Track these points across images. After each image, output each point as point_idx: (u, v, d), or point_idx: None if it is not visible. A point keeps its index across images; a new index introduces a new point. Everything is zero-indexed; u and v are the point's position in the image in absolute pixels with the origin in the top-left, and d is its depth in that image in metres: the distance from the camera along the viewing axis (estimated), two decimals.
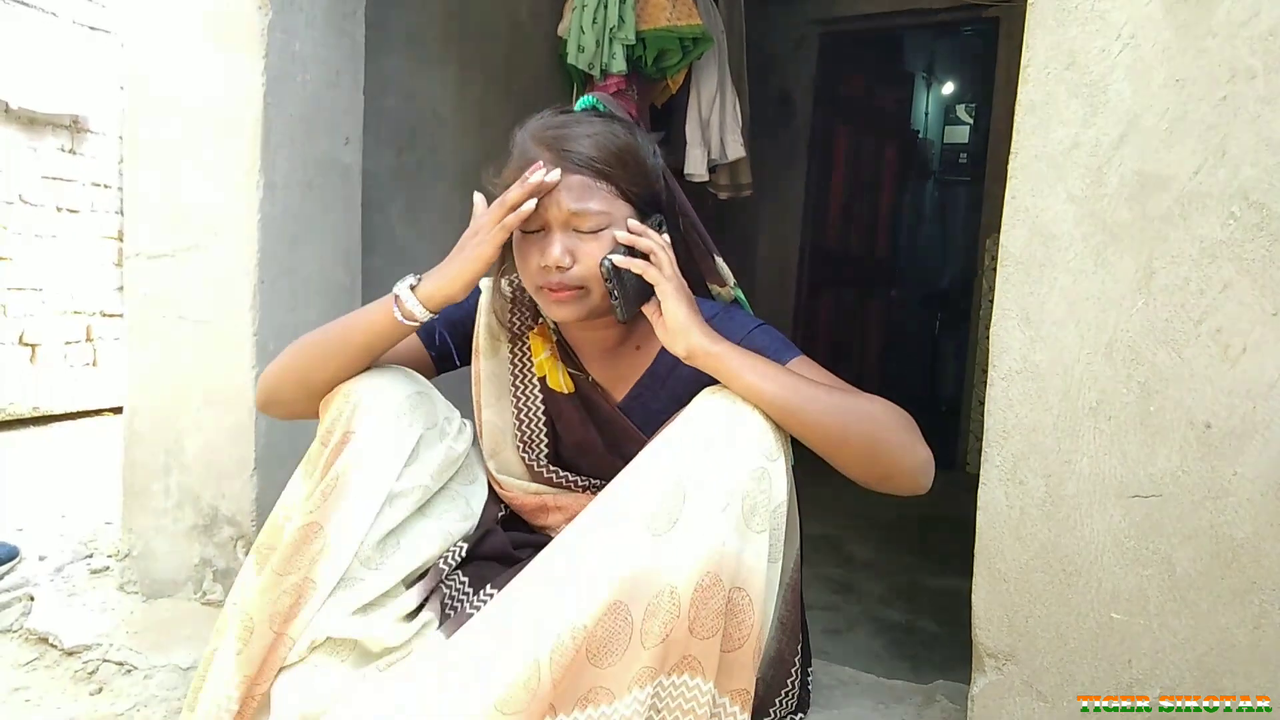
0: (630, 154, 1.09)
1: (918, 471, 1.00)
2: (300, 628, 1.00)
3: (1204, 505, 0.99)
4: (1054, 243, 1.05)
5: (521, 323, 1.24)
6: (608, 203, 1.06)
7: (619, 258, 1.04)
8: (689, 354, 1.02)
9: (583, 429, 1.21)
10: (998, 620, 1.10)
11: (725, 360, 1.00)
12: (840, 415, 0.98)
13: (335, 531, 1.02)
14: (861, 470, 1.00)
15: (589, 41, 2.61)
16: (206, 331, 1.58)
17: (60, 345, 3.79)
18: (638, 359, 1.21)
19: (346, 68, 1.70)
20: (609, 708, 0.87)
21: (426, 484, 1.10)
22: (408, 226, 2.23)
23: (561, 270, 1.05)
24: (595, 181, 1.05)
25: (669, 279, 1.03)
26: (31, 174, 3.61)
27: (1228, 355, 0.98)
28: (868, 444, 0.99)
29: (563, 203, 1.04)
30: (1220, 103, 0.97)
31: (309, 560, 1.01)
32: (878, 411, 1.00)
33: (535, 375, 1.22)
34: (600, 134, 1.07)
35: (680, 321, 1.02)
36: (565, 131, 1.07)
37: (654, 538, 0.91)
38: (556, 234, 1.06)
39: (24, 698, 1.37)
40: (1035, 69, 1.05)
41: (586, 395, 1.21)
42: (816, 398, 0.98)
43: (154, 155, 1.63)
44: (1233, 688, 0.99)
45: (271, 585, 1.01)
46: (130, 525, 1.69)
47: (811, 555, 2.63)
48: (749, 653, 0.93)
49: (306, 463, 1.08)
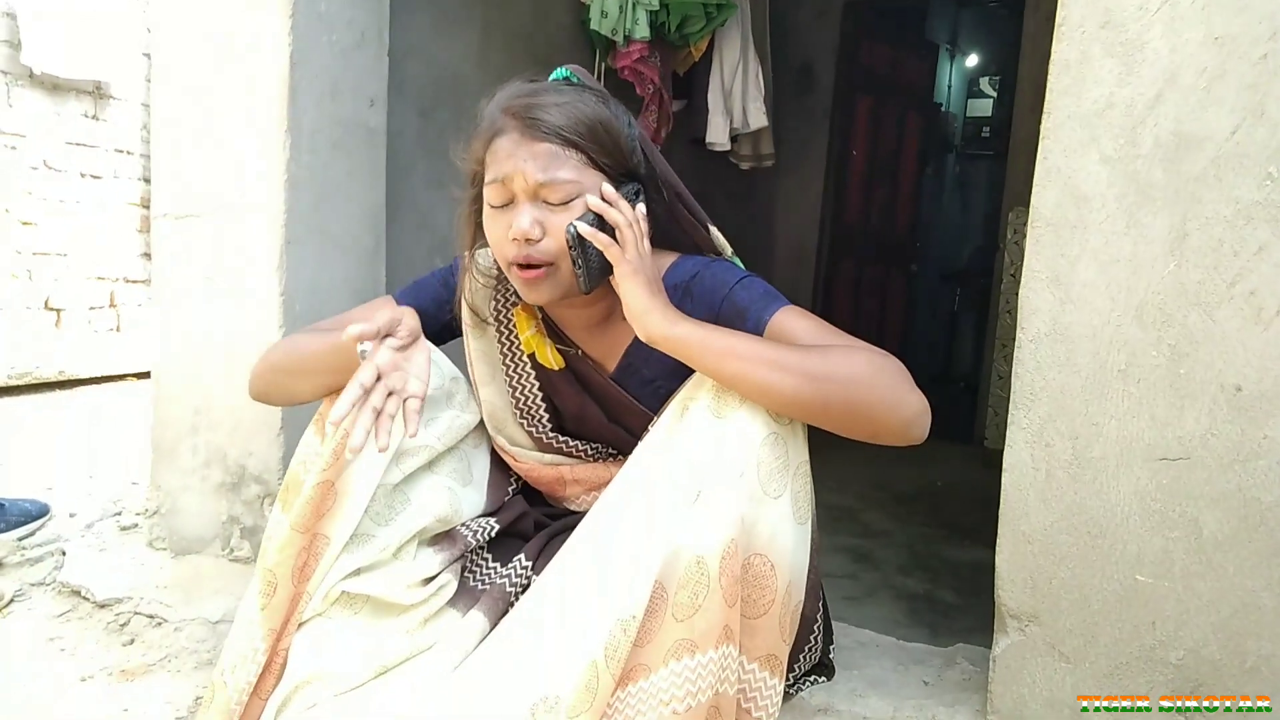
0: (601, 124, 1.04)
1: (909, 424, 0.93)
2: (316, 583, 1.02)
3: (1232, 468, 0.99)
4: (1086, 204, 1.04)
5: (504, 300, 1.22)
6: (577, 171, 1.02)
7: (584, 227, 1.00)
8: (649, 340, 0.99)
9: (579, 402, 1.20)
10: (1021, 582, 1.10)
11: (686, 345, 0.97)
12: (818, 381, 0.92)
13: (345, 489, 1.03)
14: (849, 429, 0.95)
15: (612, 7, 2.59)
16: (234, 291, 1.59)
17: (84, 310, 3.83)
18: (624, 330, 1.15)
19: (372, 29, 1.69)
20: (645, 682, 0.88)
21: (433, 444, 1.11)
22: (431, 190, 2.24)
23: (531, 242, 1.01)
24: (564, 150, 1.01)
25: (629, 260, 1.00)
26: (55, 140, 3.63)
27: (1260, 318, 0.97)
28: (852, 405, 0.93)
29: (529, 174, 1.01)
30: (1260, 61, 0.95)
31: (322, 517, 1.03)
32: (860, 369, 0.93)
33: (524, 352, 1.21)
34: (570, 103, 1.04)
35: (638, 306, 0.99)
36: (534, 100, 1.04)
37: (680, 515, 0.91)
38: (525, 205, 1.02)
39: (59, 647, 1.41)
40: (1070, 27, 1.04)
41: (578, 369, 1.19)
42: (790, 366, 0.93)
43: (181, 116, 1.64)
44: (1257, 650, 0.99)
45: (290, 541, 1.03)
46: (159, 483, 1.72)
47: (830, 525, 2.65)
48: (774, 617, 0.94)
49: (317, 419, 1.10)
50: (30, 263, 3.59)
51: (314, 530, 1.03)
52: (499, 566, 1.14)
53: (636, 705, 0.88)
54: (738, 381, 0.94)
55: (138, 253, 4.05)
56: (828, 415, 0.94)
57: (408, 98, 2.09)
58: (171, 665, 1.36)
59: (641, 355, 1.15)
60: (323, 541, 1.02)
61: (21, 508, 1.85)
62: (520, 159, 1.01)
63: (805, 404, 0.93)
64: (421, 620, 1.05)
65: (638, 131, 1.10)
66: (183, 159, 1.64)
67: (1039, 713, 1.10)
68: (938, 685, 1.25)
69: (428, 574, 1.07)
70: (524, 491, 1.27)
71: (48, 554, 1.71)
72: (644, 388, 1.14)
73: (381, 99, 1.74)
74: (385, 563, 1.04)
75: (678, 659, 0.88)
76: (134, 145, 3.98)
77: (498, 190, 1.03)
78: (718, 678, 0.89)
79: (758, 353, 0.94)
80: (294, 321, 1.56)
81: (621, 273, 1.00)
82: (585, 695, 0.87)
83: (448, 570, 1.10)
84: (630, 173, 1.08)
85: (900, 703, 1.20)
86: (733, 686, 0.91)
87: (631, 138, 1.08)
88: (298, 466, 1.07)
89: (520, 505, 1.21)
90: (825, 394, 0.92)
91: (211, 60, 1.59)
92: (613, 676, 0.87)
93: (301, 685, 0.98)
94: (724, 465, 0.92)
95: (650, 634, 0.89)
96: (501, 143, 1.03)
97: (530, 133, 1.01)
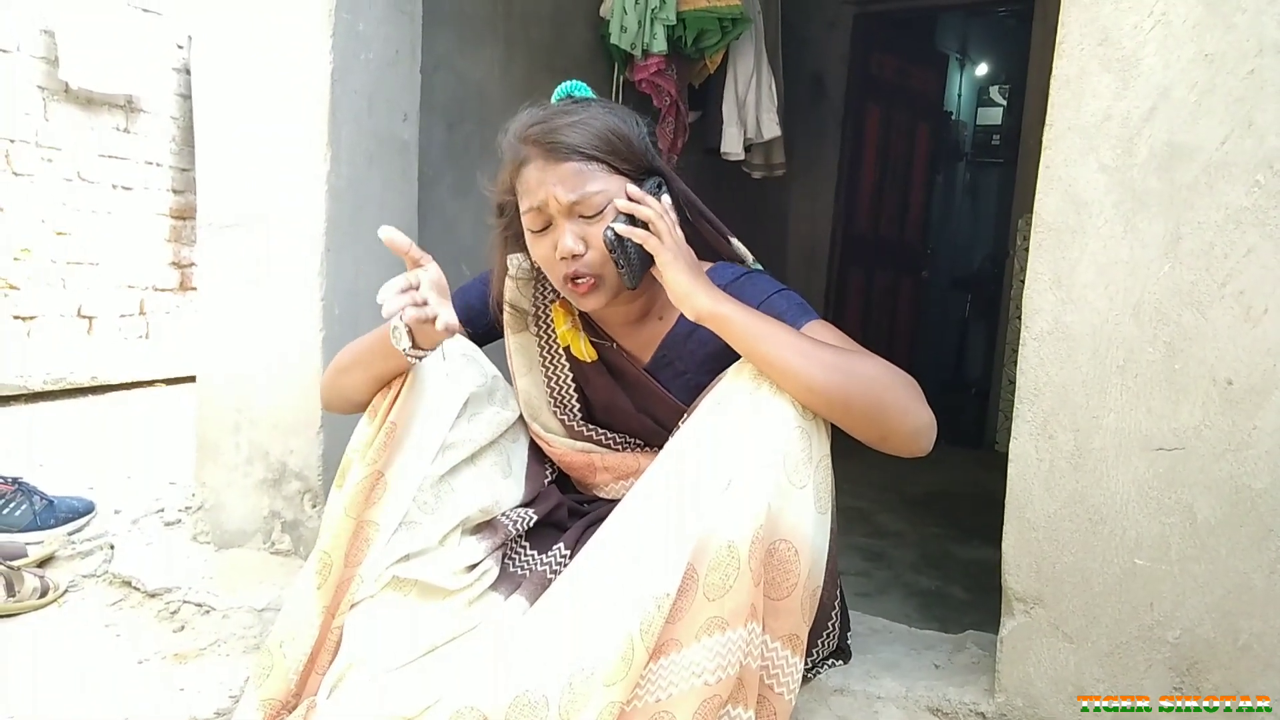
0: (613, 132, 1.12)
1: (918, 433, 1.02)
2: (368, 566, 1.09)
3: (1225, 457, 1.05)
4: (1085, 210, 1.11)
5: (543, 297, 1.31)
6: (603, 182, 1.10)
7: (621, 226, 1.08)
8: (696, 317, 1.07)
9: (610, 393, 1.28)
10: (1026, 566, 1.17)
11: (729, 322, 1.04)
12: (842, 375, 1.00)
13: (394, 479, 1.11)
14: (862, 428, 1.02)
15: (631, 22, 2.67)
16: (275, 296, 1.67)
17: (115, 318, 3.94)
18: (659, 327, 1.27)
19: (405, 47, 1.78)
20: (678, 655, 0.95)
21: (476, 438, 1.19)
22: (457, 199, 2.32)
23: (577, 258, 1.10)
24: (587, 165, 1.10)
25: (668, 248, 1.07)
26: (89, 152, 3.75)
27: (1250, 316, 1.03)
28: (869, 404, 1.00)
29: (560, 196, 1.09)
30: (1248, 76, 1.02)
31: (372, 505, 1.10)
32: (880, 373, 1.02)
33: (560, 345, 1.29)
34: (582, 119, 1.11)
35: (682, 288, 1.06)
36: (549, 125, 1.11)
37: (712, 501, 0.97)
38: (564, 225, 1.11)
39: (114, 633, 1.48)
40: (1070, 44, 1.11)
41: (612, 362, 1.27)
42: (819, 358, 1.00)
43: (224, 130, 1.72)
44: (1249, 628, 1.05)
45: (343, 527, 1.10)
46: (203, 479, 1.80)
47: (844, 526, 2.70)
48: (797, 600, 1.00)
49: (370, 408, 1.17)
50: (64, 271, 3.70)
51: (364, 517, 1.10)
52: (538, 554, 1.22)
53: (669, 676, 0.94)
54: (771, 363, 1.01)
55: (167, 262, 4.16)
56: (848, 410, 1.01)
57: (435, 111, 2.17)
58: (221, 650, 1.44)
59: (676, 349, 1.24)
60: (372, 528, 1.10)
61: (69, 504, 1.93)
62: (550, 184, 1.09)
63: (830, 396, 1.00)
64: (467, 602, 1.12)
65: (645, 130, 1.18)
66: (226, 171, 1.72)
67: (1043, 690, 1.16)
68: (948, 668, 1.32)
69: (471, 561, 1.14)
70: (557, 482, 1.35)
71: (97, 548, 1.79)
72: (676, 379, 1.22)
73: (414, 113, 1.82)
74: (432, 549, 1.11)
75: (709, 635, 0.94)
76: (164, 157, 4.10)
77: (535, 216, 1.12)
78: (744, 652, 0.95)
79: (793, 341, 1.02)
80: (333, 325, 1.64)
81: (663, 261, 1.08)
82: (621, 666, 0.93)
83: (490, 558, 1.17)
84: (649, 169, 1.15)
85: (912, 683, 1.26)
86: (756, 661, 0.97)
87: (642, 136, 1.16)
88: (352, 454, 1.14)
89: (555, 495, 1.29)
90: (848, 389, 1.00)
91: (254, 77, 1.67)
92: (646, 649, 0.93)
93: (355, 663, 1.05)
94: (754, 455, 0.98)
95: (682, 611, 0.95)
96: (529, 172, 1.12)
97: (553, 156, 1.10)
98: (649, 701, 0.94)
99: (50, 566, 1.73)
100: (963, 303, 6.24)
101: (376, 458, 1.11)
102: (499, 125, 2.50)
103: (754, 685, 0.98)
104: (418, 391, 1.15)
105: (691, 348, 1.23)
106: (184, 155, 4.15)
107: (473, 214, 2.37)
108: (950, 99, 6.15)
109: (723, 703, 0.94)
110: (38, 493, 1.90)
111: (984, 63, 6.72)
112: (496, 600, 1.15)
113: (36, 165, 3.55)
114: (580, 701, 0.93)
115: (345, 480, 1.13)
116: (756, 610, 0.96)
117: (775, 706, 1.00)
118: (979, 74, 6.77)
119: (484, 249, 1.32)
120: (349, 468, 1.14)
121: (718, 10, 2.77)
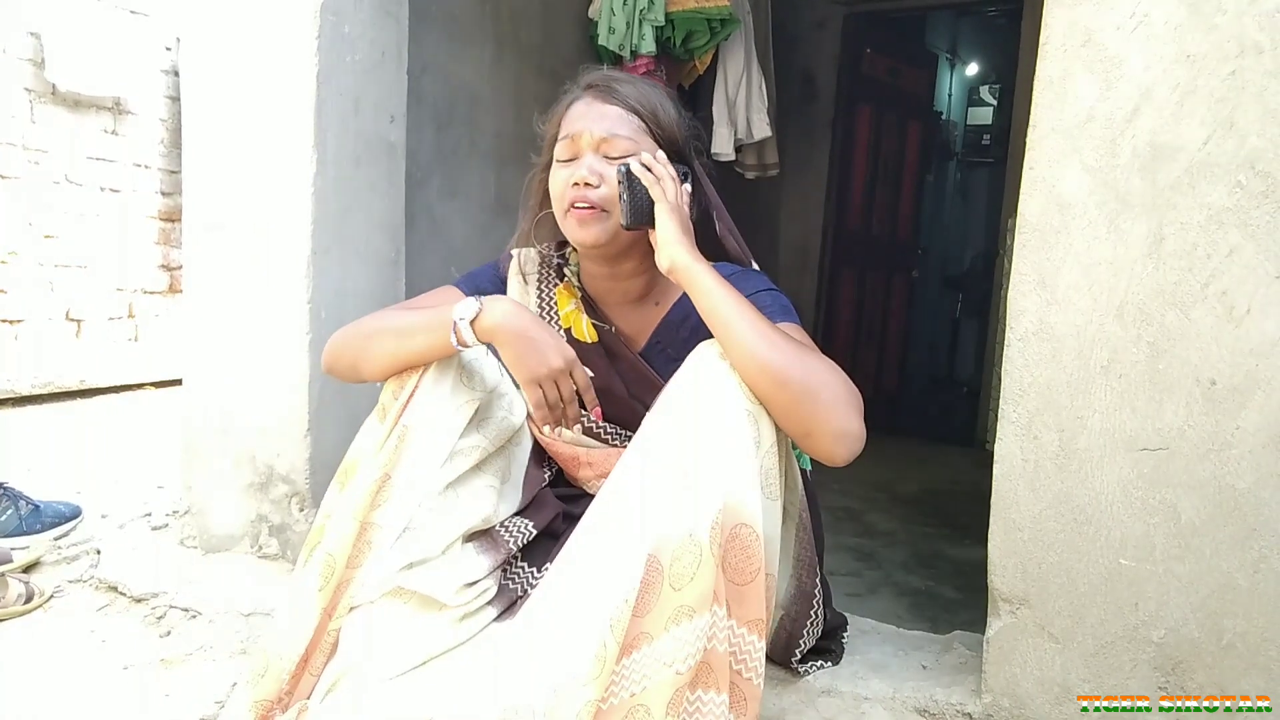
0: (664, 108, 1.23)
1: (843, 436, 1.00)
2: (370, 570, 1.09)
3: (1208, 457, 1.05)
4: (1069, 211, 1.11)
5: (548, 280, 1.34)
6: (637, 135, 1.19)
7: (636, 165, 1.15)
8: (670, 266, 1.11)
9: (607, 376, 1.29)
10: (1012, 567, 1.17)
11: (697, 277, 1.09)
12: (784, 357, 1.01)
13: (402, 483, 1.11)
14: (790, 416, 1.02)
15: (619, 23, 2.67)
16: (262, 299, 1.67)
17: (104, 321, 3.92)
18: (656, 312, 1.31)
19: (391, 49, 1.77)
20: (649, 648, 0.95)
21: (484, 445, 1.19)
22: (446, 201, 2.31)
23: (589, 187, 1.16)
24: (628, 114, 1.20)
25: (669, 200, 1.13)
26: (76, 155, 3.73)
27: (1232, 316, 1.04)
28: (802, 390, 1.00)
29: (594, 129, 1.18)
30: (1229, 77, 1.02)
31: (378, 508, 1.10)
32: (824, 371, 1.02)
33: (561, 328, 1.31)
34: (641, 83, 1.24)
35: (668, 236, 1.12)
36: (611, 76, 1.25)
37: (671, 491, 0.98)
38: (588, 154, 1.19)
39: (100, 639, 1.48)
40: (1053, 46, 1.11)
41: (609, 345, 1.30)
42: (770, 336, 1.02)
43: (211, 133, 1.72)
44: (1233, 628, 1.05)
45: (348, 529, 1.09)
46: (189, 483, 1.79)
47: (834, 525, 2.71)
48: (760, 584, 1.00)
49: (380, 409, 1.17)
50: (52, 274, 3.68)
51: (368, 519, 1.09)
52: (534, 571, 1.23)
53: (642, 670, 0.94)
54: (724, 327, 1.04)
55: (155, 264, 4.15)
56: (782, 388, 1.00)
57: (424, 112, 2.17)
58: (208, 655, 1.43)
59: (669, 334, 1.28)
60: (376, 530, 1.09)
61: (55, 509, 1.92)
62: (590, 118, 1.20)
63: (770, 369, 1.00)
64: (463, 616, 1.12)
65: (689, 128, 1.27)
66: (213, 173, 1.72)
67: (1030, 691, 1.16)
68: (935, 668, 1.32)
69: (472, 578, 1.14)
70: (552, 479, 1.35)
71: (83, 553, 1.78)
72: (668, 365, 1.22)
73: (400, 115, 1.82)
74: (434, 558, 1.11)
75: (677, 624, 0.94)
76: (152, 160, 4.08)
77: (567, 145, 1.20)
78: (709, 636, 0.96)
79: (750, 315, 1.05)
80: (319, 327, 1.63)
81: (660, 210, 1.14)
82: (595, 665, 0.94)
83: (489, 576, 1.17)
84: (681, 158, 1.24)
85: (900, 684, 1.26)
86: (724, 645, 0.97)
87: (685, 128, 1.25)
88: (357, 454, 1.14)
89: (552, 503, 1.28)
90: (788, 370, 1.00)
91: (240, 79, 1.67)
92: (618, 644, 0.94)
93: (351, 669, 1.05)
94: (706, 443, 0.99)
95: (649, 604, 0.95)
96: (577, 106, 1.23)
97: (602, 97, 1.21)
98: (624, 697, 0.94)
99: (36, 572, 1.72)
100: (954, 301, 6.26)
101: (387, 460, 1.11)
102: (489, 126, 2.51)
103: (724, 670, 0.97)
104: (432, 397, 1.14)
105: (684, 334, 1.24)
106: (172, 157, 4.13)
107: (462, 215, 2.37)
108: (941, 98, 6.16)
109: (690, 687, 0.95)
110: (23, 497, 1.89)
111: (974, 62, 6.74)
112: (490, 614, 1.15)
113: (23, 168, 3.53)
114: (562, 706, 0.93)
115: (350, 481, 1.12)
116: (720, 594, 0.96)
117: (745, 691, 1.00)
118: (969, 73, 6.78)
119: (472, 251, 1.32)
120: (355, 469, 1.13)
121: (706, 11, 2.77)
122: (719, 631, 0.96)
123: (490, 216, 2.46)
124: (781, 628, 1.22)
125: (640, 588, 0.95)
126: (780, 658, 1.26)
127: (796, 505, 1.17)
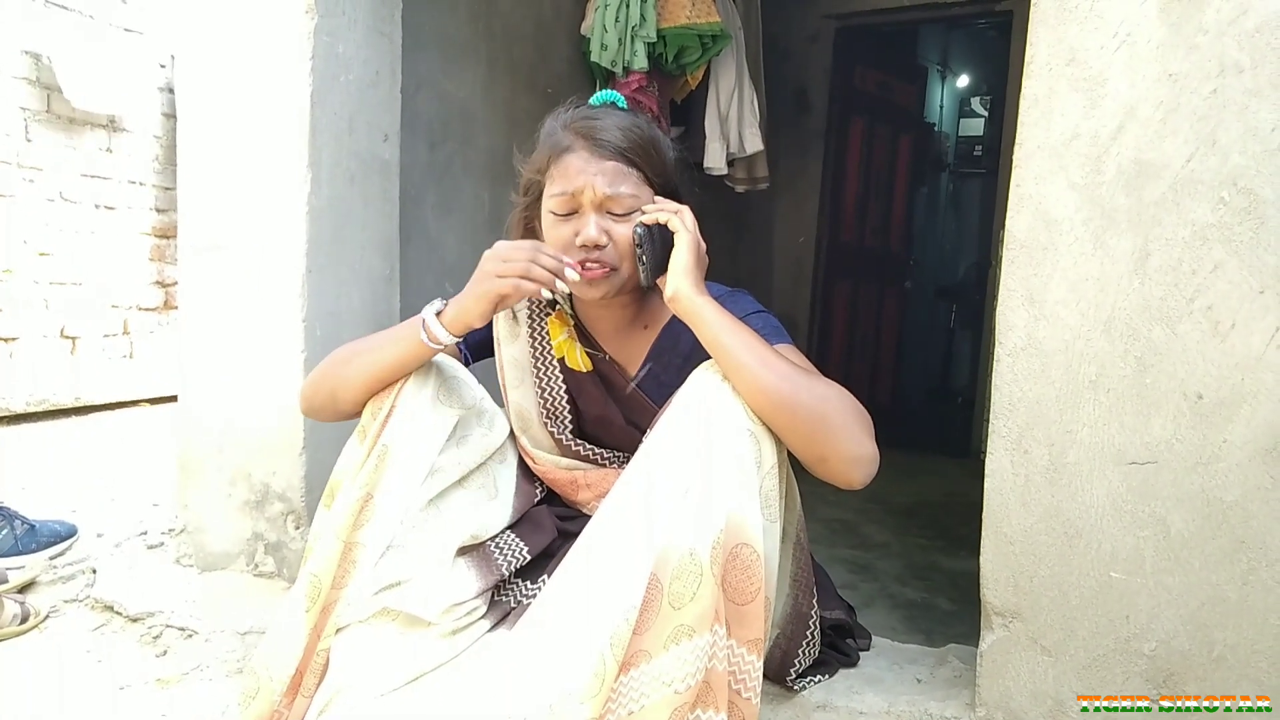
0: (653, 145, 1.20)
1: (858, 460, 1.01)
2: (355, 590, 1.09)
3: (1196, 470, 1.07)
4: (1056, 227, 1.12)
5: (538, 307, 1.33)
6: (637, 188, 1.18)
7: (648, 215, 1.15)
8: (674, 296, 1.11)
9: (602, 404, 1.29)
10: (1004, 581, 1.18)
11: (700, 311, 1.09)
12: (793, 385, 1.02)
13: (383, 501, 1.11)
14: (803, 443, 1.03)
15: (611, 40, 2.69)
16: (257, 318, 1.67)
17: (99, 338, 3.92)
18: (646, 336, 1.31)
19: (385, 68, 1.79)
20: (648, 666, 0.95)
21: (464, 462, 1.20)
22: (440, 219, 2.32)
23: (599, 249, 1.15)
24: (626, 168, 1.17)
25: (689, 230, 1.13)
26: (71, 172, 3.74)
27: (1218, 331, 1.05)
28: (814, 417, 1.01)
29: (597, 187, 1.15)
30: (1211, 95, 1.04)
31: (361, 527, 1.10)
32: (833, 395, 1.03)
33: (554, 357, 1.31)
34: (628, 126, 1.19)
35: (680, 265, 1.11)
36: (596, 122, 1.18)
37: (672, 509, 0.98)
38: (592, 215, 1.16)
39: (96, 658, 1.48)
40: (1038, 65, 1.13)
41: (604, 373, 1.30)
42: (776, 365, 1.03)
43: (206, 152, 1.73)
44: (1223, 640, 1.06)
45: (332, 549, 1.10)
46: (185, 502, 1.79)
47: (829, 537, 2.72)
48: (760, 604, 1.00)
49: (360, 430, 1.18)
50: (46, 292, 3.68)
51: (352, 539, 1.10)
52: (528, 585, 1.22)
53: (640, 687, 0.94)
54: (730, 359, 1.04)
55: (150, 281, 4.15)
56: (793, 417, 1.02)
57: (418, 130, 2.18)
58: (204, 674, 1.43)
59: (661, 361, 1.28)
60: (360, 549, 1.10)
61: (51, 529, 1.92)
62: (590, 174, 1.15)
63: (778, 400, 1.02)
64: (453, 631, 1.12)
65: (677, 157, 1.26)
66: (208, 191, 1.73)
67: (1023, 704, 1.17)
68: (930, 682, 1.32)
69: (460, 599, 1.14)
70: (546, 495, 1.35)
71: (79, 572, 1.78)
72: (661, 391, 1.23)
73: (395, 133, 1.83)
74: (419, 576, 1.11)
75: (677, 644, 0.94)
76: (147, 176, 4.09)
77: (565, 201, 1.17)
78: (710, 655, 0.96)
79: (755, 345, 1.05)
80: (314, 346, 1.64)
81: (680, 240, 1.13)
82: (594, 682, 0.94)
83: (479, 597, 1.17)
84: (674, 191, 1.23)
85: (894, 698, 1.27)
86: (723, 664, 0.97)
87: (674, 160, 1.24)
88: (340, 475, 1.14)
89: (550, 527, 1.28)
90: (797, 397, 1.02)
91: (235, 98, 1.68)
92: (617, 662, 0.94)
93: (344, 689, 1.05)
94: (709, 462, 0.99)
95: (649, 622, 0.95)
96: (570, 159, 1.17)
97: (598, 151, 1.16)
98: (621, 715, 0.94)
99: (31, 592, 1.72)
100: (947, 312, 6.28)
101: (368, 480, 1.11)
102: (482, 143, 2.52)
103: (724, 690, 0.97)
104: (409, 414, 1.15)
105: (677, 362, 1.24)
106: (167, 174, 4.14)
107: (456, 233, 2.38)
108: (932, 110, 6.20)
109: (690, 707, 0.95)
110: (19, 517, 1.88)
111: (965, 74, 6.78)
112: (483, 628, 1.15)
113: (18, 185, 3.53)
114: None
115: (334, 501, 1.13)
116: (720, 614, 0.97)
117: (743, 711, 1.00)
118: (960, 85, 6.82)
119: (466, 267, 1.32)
120: (337, 489, 1.14)
121: (698, 27, 2.80)
122: (719, 651, 0.97)
123: (484, 233, 2.47)
124: (776, 646, 1.23)
125: (641, 605, 0.95)
126: (774, 675, 1.27)
127: (795, 525, 1.17)
